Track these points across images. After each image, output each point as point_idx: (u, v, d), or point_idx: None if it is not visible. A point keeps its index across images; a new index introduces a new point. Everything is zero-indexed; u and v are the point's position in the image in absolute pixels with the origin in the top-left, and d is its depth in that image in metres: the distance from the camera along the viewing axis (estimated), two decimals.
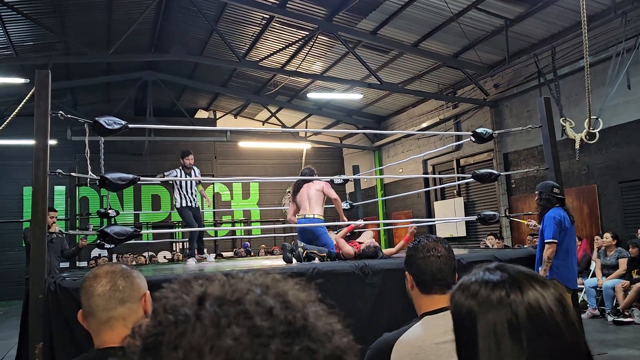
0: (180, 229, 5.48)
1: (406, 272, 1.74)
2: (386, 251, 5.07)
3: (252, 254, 13.91)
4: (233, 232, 16.84)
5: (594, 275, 8.05)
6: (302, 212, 5.77)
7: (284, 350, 0.48)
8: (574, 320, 0.80)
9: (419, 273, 1.68)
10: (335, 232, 5.61)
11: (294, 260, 4.89)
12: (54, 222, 5.85)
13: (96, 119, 3.68)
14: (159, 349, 0.49)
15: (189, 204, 6.48)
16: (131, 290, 1.35)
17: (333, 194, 5.63)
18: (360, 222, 5.78)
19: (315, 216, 5.53)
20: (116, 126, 3.72)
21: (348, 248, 4.93)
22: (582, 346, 0.80)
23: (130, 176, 3.82)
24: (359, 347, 0.53)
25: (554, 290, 0.83)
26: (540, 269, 4.59)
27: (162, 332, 0.50)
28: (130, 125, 3.92)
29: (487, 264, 0.91)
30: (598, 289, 7.68)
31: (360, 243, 5.10)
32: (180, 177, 6.21)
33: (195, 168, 6.62)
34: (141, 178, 4.00)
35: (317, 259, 4.91)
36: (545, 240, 4.64)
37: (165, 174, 6.47)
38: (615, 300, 7.34)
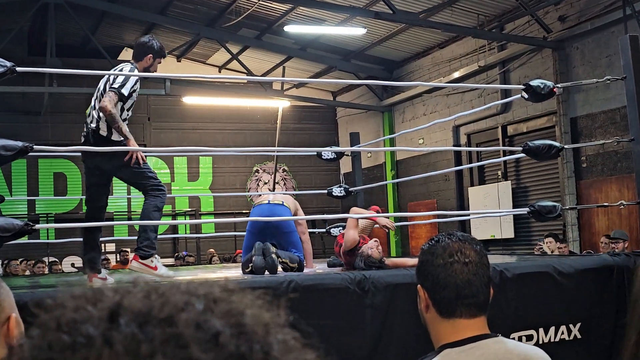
0: (105, 223, 5.44)
1: (419, 286, 1.76)
2: (390, 262, 5.12)
3: (194, 259, 13.93)
4: (174, 230, 16.84)
5: None
6: (262, 198, 5.86)
7: None
8: None
9: (437, 287, 1.70)
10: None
11: (265, 271, 4.94)
12: None
13: None
14: None
15: None
16: None
17: (303, 225, 5.93)
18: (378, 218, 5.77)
19: (285, 204, 5.60)
20: None
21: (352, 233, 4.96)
22: None
23: (20, 144, 3.79)
24: None
25: None
26: None
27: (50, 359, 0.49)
28: (20, 69, 3.86)
29: None
30: None
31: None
32: None
33: None
34: (37, 147, 3.97)
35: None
36: None
37: None
38: None
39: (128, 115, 5.27)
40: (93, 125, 5.09)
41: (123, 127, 5.04)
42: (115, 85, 5.07)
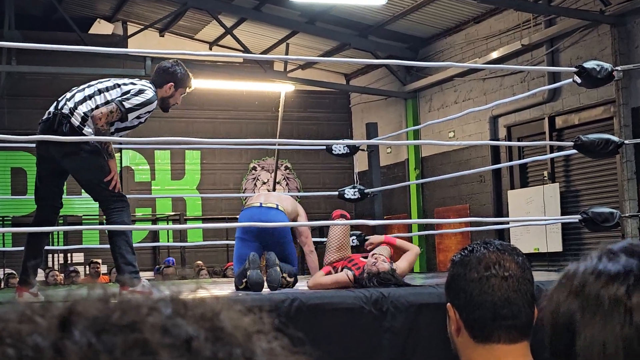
0: (62, 227, 5.48)
1: (448, 304, 1.76)
2: (403, 264, 5.17)
3: (173, 271, 13.92)
4: (155, 237, 16.85)
5: None
6: (253, 200, 5.91)
7: None
8: None
9: (470, 306, 1.70)
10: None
11: (265, 286, 4.96)
12: None
13: None
14: None
15: None
16: None
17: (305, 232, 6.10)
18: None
19: (280, 208, 5.64)
20: None
21: (335, 278, 5.04)
22: None
23: None
24: None
25: None
26: None
27: None
28: None
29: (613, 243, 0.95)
30: None
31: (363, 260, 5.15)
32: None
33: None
34: None
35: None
36: None
37: None
38: None
39: (113, 134, 5.28)
40: (67, 109, 5.10)
41: (110, 146, 5.08)
42: (121, 98, 5.08)
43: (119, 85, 5.18)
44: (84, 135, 5.03)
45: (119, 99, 5.05)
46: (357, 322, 3.85)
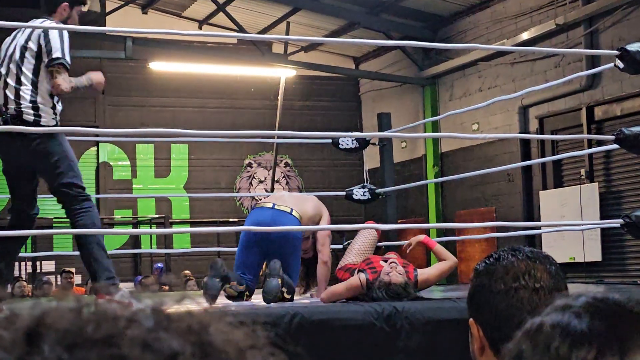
0: (34, 231, 5.51)
1: (470, 320, 1.75)
2: (430, 271, 5.16)
3: (153, 280, 13.92)
4: (136, 243, 16.85)
5: None
6: (268, 199, 5.93)
7: None
8: None
9: (496, 322, 1.70)
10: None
11: (258, 297, 4.99)
12: None
13: None
14: None
15: None
16: None
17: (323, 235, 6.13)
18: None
19: (294, 213, 5.65)
20: None
21: (347, 284, 5.06)
22: None
23: None
24: None
25: None
26: None
27: None
28: None
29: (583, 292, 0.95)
30: None
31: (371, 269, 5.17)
32: None
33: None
34: None
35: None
36: None
37: None
38: None
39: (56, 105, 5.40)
40: (12, 108, 5.17)
41: (79, 82, 5.22)
42: (57, 55, 5.17)
43: (25, 48, 5.30)
44: (41, 126, 5.13)
45: (53, 58, 5.19)
46: (367, 340, 3.86)
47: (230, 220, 16.20)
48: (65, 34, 5.35)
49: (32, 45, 5.20)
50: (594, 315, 0.90)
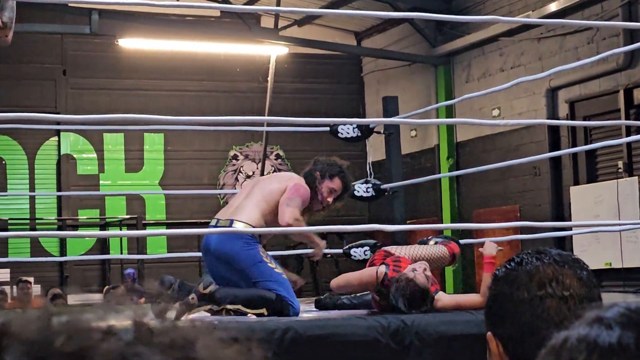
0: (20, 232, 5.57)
1: (489, 334, 1.79)
2: (450, 299, 5.18)
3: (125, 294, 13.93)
4: (104, 247, 16.81)
5: None
6: (221, 211, 6.50)
7: None
8: None
9: (518, 336, 1.74)
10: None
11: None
12: None
13: None
14: None
15: None
16: None
17: (288, 211, 6.04)
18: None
19: (235, 222, 5.63)
20: None
21: (360, 273, 5.08)
22: None
23: None
24: None
25: None
26: None
27: None
28: None
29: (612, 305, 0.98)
30: None
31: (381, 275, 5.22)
32: None
33: None
34: None
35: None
36: None
37: None
38: None
39: None
40: None
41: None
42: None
43: None
44: None
45: None
46: (371, 358, 3.87)
47: (211, 218, 16.11)
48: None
49: None
50: (625, 327, 0.91)
